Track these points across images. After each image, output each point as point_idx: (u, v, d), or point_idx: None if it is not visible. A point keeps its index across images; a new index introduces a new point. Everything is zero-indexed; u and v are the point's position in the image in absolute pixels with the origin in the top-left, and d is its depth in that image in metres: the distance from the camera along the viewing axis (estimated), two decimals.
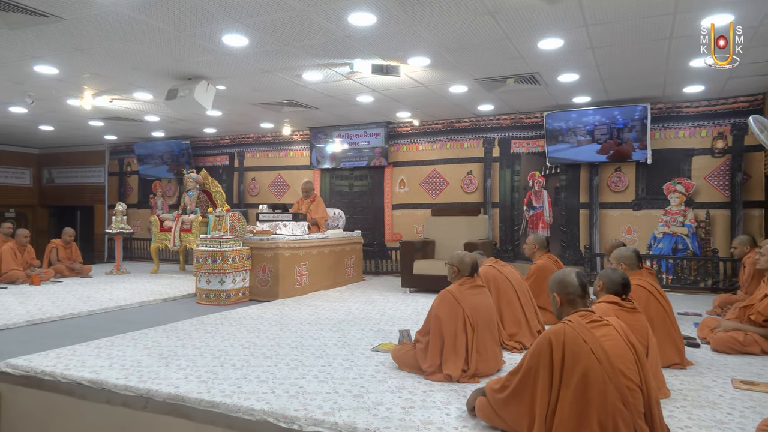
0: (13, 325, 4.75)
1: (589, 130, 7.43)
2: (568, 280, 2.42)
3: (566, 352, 2.17)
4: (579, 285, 2.40)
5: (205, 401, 2.83)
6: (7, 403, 3.43)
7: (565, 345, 2.18)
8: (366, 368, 3.44)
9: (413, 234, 8.67)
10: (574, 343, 2.18)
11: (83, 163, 12.07)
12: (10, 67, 5.71)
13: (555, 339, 2.21)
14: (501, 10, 4.17)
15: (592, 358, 2.13)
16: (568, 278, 2.43)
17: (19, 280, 7.31)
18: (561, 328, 2.24)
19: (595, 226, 7.69)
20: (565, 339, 2.19)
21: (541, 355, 2.23)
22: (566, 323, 2.26)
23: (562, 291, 2.42)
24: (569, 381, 2.14)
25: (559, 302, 2.43)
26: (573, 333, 2.20)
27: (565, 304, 2.41)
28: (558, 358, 2.18)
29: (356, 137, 9.09)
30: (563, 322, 2.29)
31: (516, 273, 4.42)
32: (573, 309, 2.37)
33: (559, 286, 2.44)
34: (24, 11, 4.18)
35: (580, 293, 2.40)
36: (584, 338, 2.18)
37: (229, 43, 4.95)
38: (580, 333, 2.20)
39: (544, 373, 2.21)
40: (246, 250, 6.31)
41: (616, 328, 2.29)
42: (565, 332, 2.21)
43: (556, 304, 2.45)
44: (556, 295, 2.44)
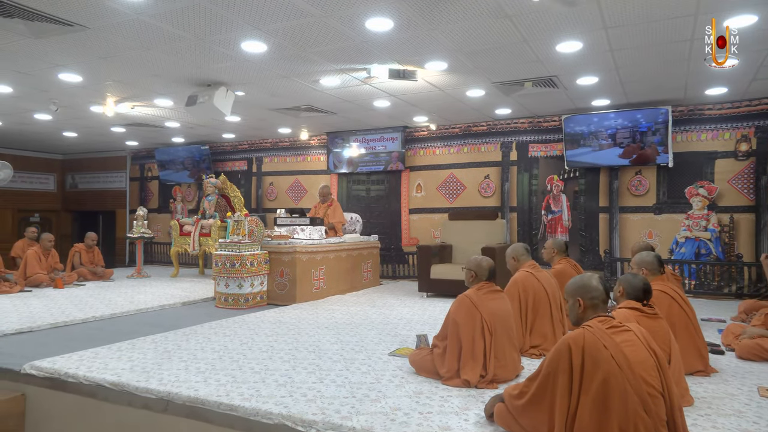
0: (38, 328, 4.84)
1: (611, 134, 7.33)
2: (592, 285, 2.38)
3: (586, 358, 2.14)
4: (603, 290, 2.37)
5: (224, 404, 2.86)
6: (32, 404, 3.50)
7: (585, 350, 2.15)
8: (383, 373, 3.43)
9: (430, 238, 8.65)
10: (593, 349, 2.14)
11: (105, 169, 12.30)
12: (36, 75, 5.86)
13: (574, 344, 2.18)
14: (519, 13, 4.16)
15: (613, 364, 2.10)
16: (592, 283, 2.39)
17: (44, 283, 7.47)
18: (580, 334, 2.21)
19: (615, 230, 7.59)
20: (585, 344, 2.16)
21: (560, 361, 2.20)
22: (585, 328, 2.23)
23: (586, 296, 2.38)
24: (589, 387, 2.11)
25: (582, 307, 2.38)
26: (593, 338, 2.17)
27: (588, 309, 2.37)
28: (577, 363, 2.15)
29: (373, 142, 9.11)
30: (583, 327, 2.26)
31: (552, 282, 4.21)
32: (594, 314, 2.34)
33: (582, 291, 2.39)
34: (49, 21, 4.29)
35: (603, 298, 2.36)
36: (604, 344, 2.15)
37: (247, 50, 5.01)
38: (600, 338, 2.16)
39: (564, 379, 2.18)
40: (264, 255, 6.35)
41: (636, 333, 2.26)
42: (584, 338, 2.18)
43: (577, 309, 2.40)
44: (579, 300, 2.39)
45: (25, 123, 8.68)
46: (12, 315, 5.36)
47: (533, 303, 4.02)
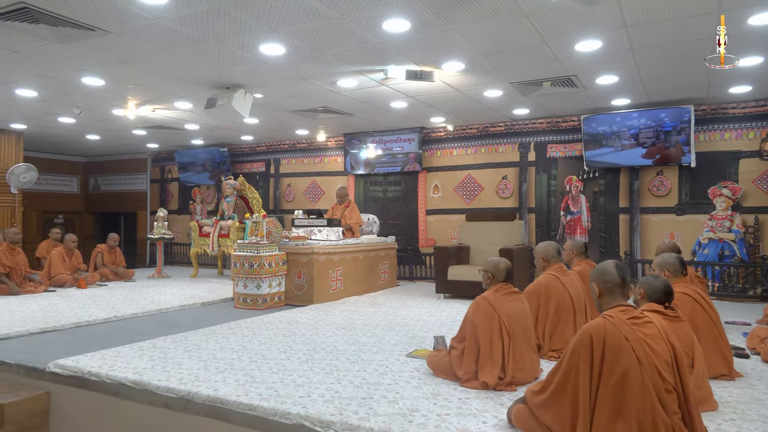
0: (62, 327, 4.94)
1: (633, 134, 7.22)
2: (606, 269, 2.41)
3: (606, 349, 2.13)
4: (618, 275, 2.37)
5: (243, 404, 2.88)
6: (56, 402, 3.57)
7: (606, 341, 2.14)
8: (401, 374, 3.43)
9: (447, 239, 8.62)
10: (615, 340, 2.13)
11: (127, 171, 12.51)
12: (60, 79, 5.98)
13: (596, 335, 2.17)
14: (537, 13, 4.12)
15: (632, 357, 2.09)
16: (606, 267, 2.42)
17: (67, 283, 7.62)
18: (601, 324, 2.20)
19: (636, 231, 7.48)
20: (606, 335, 2.15)
21: (582, 351, 2.19)
22: (606, 318, 2.22)
23: (600, 280, 2.40)
24: (608, 380, 2.10)
25: (598, 292, 2.40)
26: (614, 330, 2.16)
27: (605, 294, 2.38)
28: (598, 355, 2.14)
29: (390, 143, 9.12)
30: (603, 317, 2.25)
31: (578, 286, 4.10)
32: (613, 301, 2.34)
33: (597, 275, 2.42)
34: (73, 26, 4.38)
35: (618, 282, 2.36)
36: (626, 336, 2.14)
37: (266, 53, 5.05)
38: (622, 330, 2.16)
39: (585, 369, 2.16)
40: (282, 255, 6.40)
41: (657, 326, 2.25)
42: (605, 328, 2.17)
43: (595, 294, 2.42)
44: (595, 286, 2.42)
45: (49, 126, 8.87)
46: (37, 314, 5.48)
47: (556, 307, 3.95)
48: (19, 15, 4.15)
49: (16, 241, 7.25)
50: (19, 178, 9.17)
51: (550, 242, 4.35)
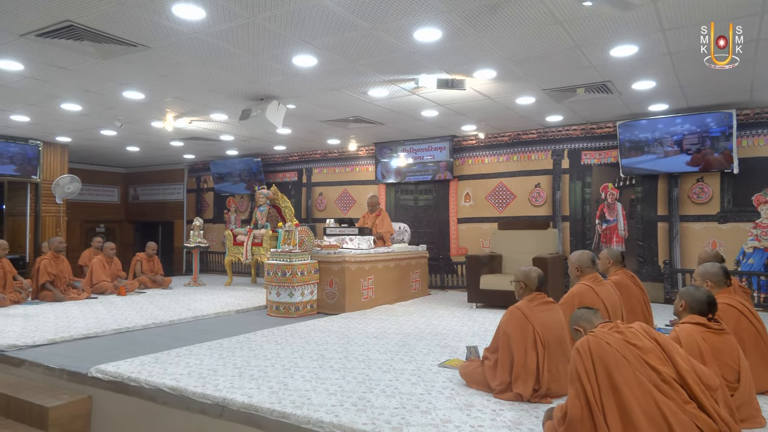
0: (103, 333, 5.10)
1: (677, 140, 7.00)
2: (577, 313, 2.62)
3: (594, 358, 2.26)
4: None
5: (276, 412, 2.91)
6: (97, 406, 3.68)
7: (592, 351, 2.28)
8: (433, 384, 3.40)
9: (479, 248, 8.54)
10: (598, 348, 2.27)
11: (164, 181, 12.87)
12: (103, 93, 6.22)
13: (581, 348, 2.31)
14: (571, 19, 4.08)
15: (619, 357, 2.22)
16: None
17: (108, 290, 7.86)
18: (584, 339, 2.36)
19: (676, 240, 7.26)
20: (590, 346, 2.29)
21: (578, 369, 2.30)
22: (588, 335, 2.38)
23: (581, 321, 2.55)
24: (606, 385, 2.20)
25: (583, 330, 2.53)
26: (596, 340, 2.31)
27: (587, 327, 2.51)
28: (589, 365, 2.26)
29: (421, 151, 9.12)
30: (586, 335, 2.40)
31: (614, 297, 3.99)
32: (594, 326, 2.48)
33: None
34: (115, 42, 4.55)
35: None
36: (607, 341, 2.28)
37: (298, 64, 5.14)
38: (603, 338, 2.30)
39: (587, 385, 2.25)
40: (314, 264, 6.45)
41: (636, 328, 2.38)
42: (588, 341, 2.32)
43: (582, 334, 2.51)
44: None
45: (92, 139, 9.22)
46: (79, 320, 5.66)
47: None
48: (65, 33, 4.34)
49: (60, 249, 7.54)
50: (64, 189, 9.55)
51: (584, 251, 4.25)
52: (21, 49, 4.71)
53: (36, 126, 8.17)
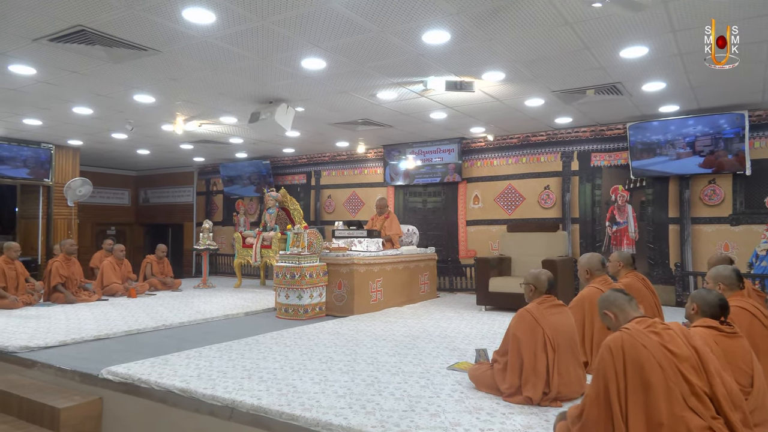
0: (114, 335, 5.14)
1: (689, 142, 6.93)
2: (609, 296, 2.49)
3: (626, 360, 2.15)
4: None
5: (285, 414, 2.91)
6: (108, 407, 3.70)
7: (625, 352, 2.16)
8: (442, 387, 3.39)
9: (488, 251, 8.51)
10: (632, 350, 2.15)
11: (174, 184, 12.96)
12: (114, 97, 6.28)
13: (614, 346, 2.19)
14: (580, 20, 4.06)
15: (653, 363, 2.10)
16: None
17: (119, 292, 7.92)
18: (618, 336, 2.23)
19: (687, 242, 7.19)
20: (624, 346, 2.17)
21: (605, 368, 2.20)
22: (623, 331, 2.24)
23: (611, 306, 2.45)
24: (634, 388, 2.11)
25: (614, 317, 2.43)
26: (630, 339, 2.18)
27: (619, 314, 2.41)
28: (620, 366, 2.15)
29: (429, 154, 9.11)
30: (620, 330, 2.27)
31: None
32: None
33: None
34: (126, 46, 4.59)
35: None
36: (643, 343, 2.15)
37: (307, 67, 5.16)
38: (639, 339, 2.17)
39: (611, 382, 2.16)
40: (323, 266, 6.46)
41: (676, 331, 2.24)
42: (622, 339, 2.20)
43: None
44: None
45: (103, 142, 9.31)
46: (90, 322, 5.71)
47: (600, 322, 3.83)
48: (77, 37, 4.39)
49: (72, 252, 7.61)
50: (76, 192, 9.64)
51: (594, 254, 4.22)
52: (34, 53, 4.77)
53: (48, 129, 8.26)
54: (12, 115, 7.25)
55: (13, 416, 3.80)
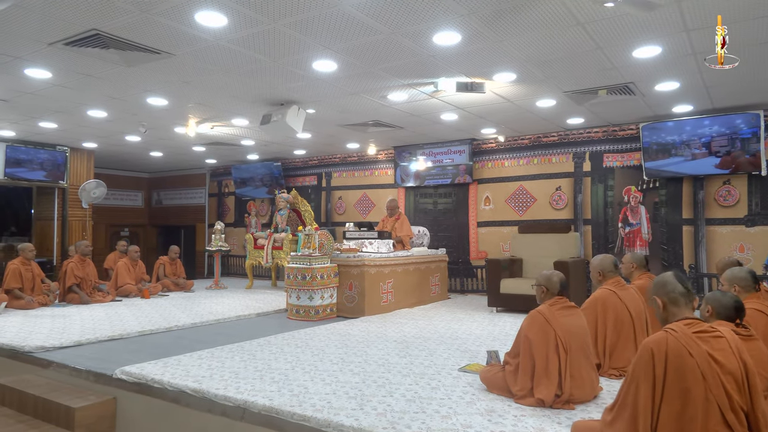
0: (127, 335, 5.19)
1: (705, 142, 6.84)
2: (666, 279, 2.29)
3: (668, 366, 2.02)
4: (681, 284, 2.25)
5: (297, 415, 2.92)
6: (122, 407, 3.74)
7: (668, 357, 2.03)
8: (453, 389, 3.39)
9: (499, 252, 8.47)
10: (677, 356, 2.02)
11: (187, 186, 13.07)
12: (127, 100, 6.35)
13: (657, 350, 2.06)
14: (592, 20, 4.03)
15: (697, 374, 1.98)
16: (666, 278, 2.31)
17: (132, 293, 8.00)
18: (663, 338, 2.08)
19: (701, 244, 7.10)
20: (668, 350, 2.04)
21: (642, 367, 2.09)
22: (669, 332, 2.10)
23: (662, 291, 2.28)
24: (671, 398, 2.00)
25: (662, 305, 2.28)
26: (676, 345, 2.04)
27: (669, 305, 2.26)
28: (660, 371, 2.03)
29: (440, 155, 9.10)
30: (665, 330, 2.13)
31: (637, 301, 3.91)
32: (679, 314, 2.22)
33: (658, 288, 2.30)
34: (140, 50, 4.64)
35: (682, 291, 2.24)
36: (690, 351, 2.02)
37: (319, 69, 5.18)
38: (685, 345, 2.04)
39: (646, 387, 2.06)
40: (333, 268, 6.48)
41: (729, 341, 2.10)
42: (667, 343, 2.06)
43: (659, 308, 2.30)
44: (657, 299, 2.30)
45: (117, 144, 9.41)
46: (104, 323, 5.78)
47: (614, 324, 3.78)
48: (92, 41, 4.45)
49: (86, 253, 7.70)
50: (90, 194, 9.76)
51: (606, 255, 4.19)
52: (49, 57, 4.84)
53: (63, 132, 8.37)
54: (29, 118, 7.36)
55: (29, 415, 3.85)
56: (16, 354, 4.56)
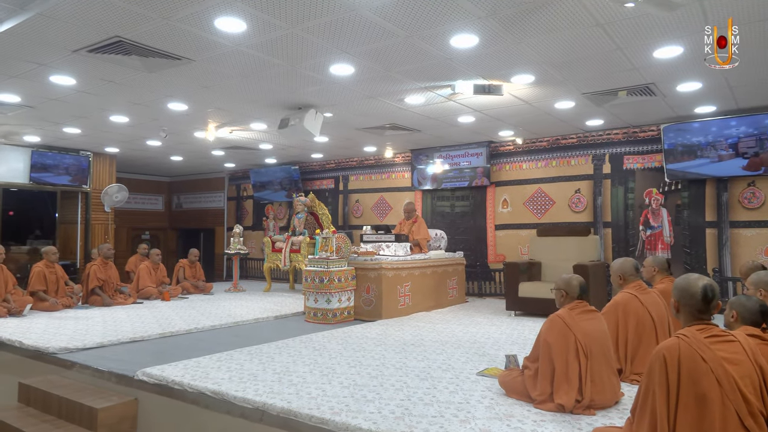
0: (149, 337, 5.26)
1: (732, 144, 6.69)
2: (691, 291, 2.21)
3: (682, 371, 2.00)
4: (702, 299, 2.18)
5: (315, 417, 2.93)
6: (143, 408, 3.79)
7: (681, 363, 2.01)
8: (472, 393, 3.36)
9: (518, 255, 8.41)
10: (690, 362, 2.00)
11: (206, 190, 13.23)
12: (149, 105, 6.45)
13: (669, 356, 2.03)
14: (612, 21, 3.99)
15: (712, 380, 1.95)
16: (691, 282, 2.23)
17: (153, 296, 8.11)
18: (675, 344, 2.06)
19: (726, 247, 6.96)
20: (680, 356, 2.02)
21: (656, 374, 2.06)
22: (681, 338, 2.07)
23: (681, 294, 2.24)
24: (687, 403, 1.97)
25: (676, 308, 2.25)
26: (689, 350, 2.02)
27: (683, 313, 2.22)
28: (673, 377, 2.01)
29: (457, 158, 9.07)
30: (677, 336, 2.10)
31: (659, 305, 3.84)
32: (692, 319, 2.19)
33: (680, 292, 2.25)
34: (161, 56, 4.72)
35: (700, 308, 2.18)
36: (703, 356, 1.99)
37: (336, 73, 5.21)
38: (698, 350, 2.01)
39: (661, 393, 2.03)
40: (351, 271, 6.49)
41: (743, 345, 2.07)
42: (679, 349, 2.03)
43: (673, 309, 2.27)
44: (674, 301, 2.26)
45: (138, 149, 9.57)
46: (126, 325, 5.86)
47: (635, 328, 3.72)
48: (114, 48, 4.53)
49: (109, 256, 7.84)
50: (112, 198, 9.94)
51: (627, 259, 4.12)
52: (73, 64, 4.95)
53: (86, 137, 8.54)
54: (53, 124, 7.53)
55: (53, 415, 3.92)
56: (40, 355, 4.66)
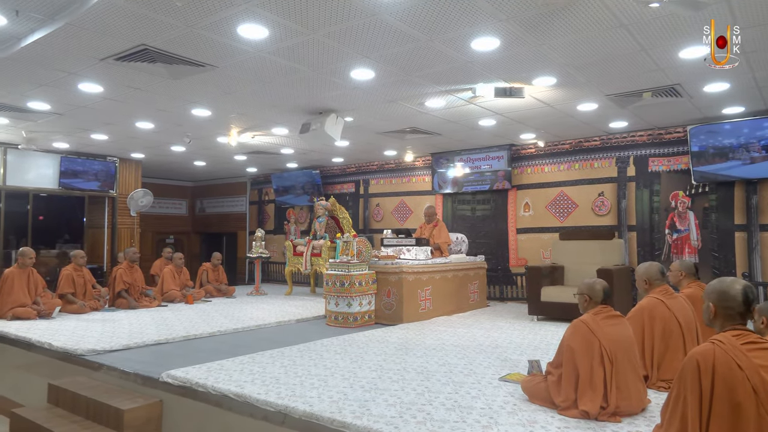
0: (173, 340, 5.34)
1: (765, 145, 6.52)
2: (731, 294, 2.14)
3: (716, 379, 1.94)
4: (743, 302, 2.12)
5: (336, 421, 2.93)
6: (168, 410, 3.85)
7: (715, 370, 1.95)
8: (494, 398, 3.33)
9: (540, 259, 8.31)
10: (726, 369, 1.93)
11: (228, 194, 13.40)
12: (173, 111, 6.57)
13: (703, 362, 1.98)
14: (636, 22, 3.93)
15: (747, 388, 1.89)
16: (731, 291, 2.15)
17: (177, 299, 8.24)
18: (710, 350, 2.00)
19: (756, 251, 6.77)
20: (715, 363, 1.96)
21: (688, 380, 2.00)
22: (716, 344, 2.01)
23: (720, 303, 2.16)
24: (720, 411, 1.91)
25: (713, 313, 2.17)
26: (724, 357, 1.96)
27: (720, 317, 2.15)
28: (707, 384, 1.95)
29: (478, 161, 9.02)
30: (711, 341, 2.04)
31: (687, 310, 3.76)
32: (727, 324, 2.11)
33: (718, 296, 2.18)
34: (185, 63, 4.81)
35: (741, 311, 2.12)
36: (739, 364, 1.93)
37: (356, 78, 5.23)
38: (734, 357, 1.95)
39: (693, 399, 1.97)
40: (372, 274, 6.49)
41: None
42: (714, 355, 1.98)
43: (709, 314, 2.19)
44: (711, 305, 2.18)
45: (163, 154, 9.75)
46: (151, 327, 5.96)
47: (662, 333, 3.64)
48: (140, 56, 4.64)
49: (134, 259, 7.99)
50: (138, 202, 10.14)
51: (652, 263, 4.04)
52: (101, 72, 5.07)
53: (113, 144, 8.74)
54: (82, 130, 7.72)
55: (81, 416, 4.00)
56: (69, 356, 4.76)
